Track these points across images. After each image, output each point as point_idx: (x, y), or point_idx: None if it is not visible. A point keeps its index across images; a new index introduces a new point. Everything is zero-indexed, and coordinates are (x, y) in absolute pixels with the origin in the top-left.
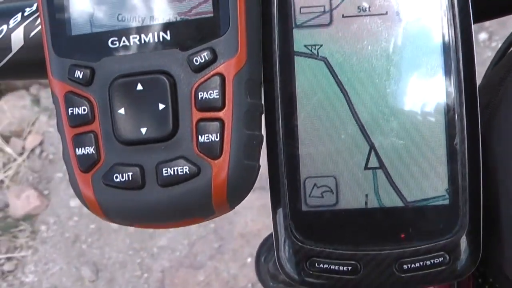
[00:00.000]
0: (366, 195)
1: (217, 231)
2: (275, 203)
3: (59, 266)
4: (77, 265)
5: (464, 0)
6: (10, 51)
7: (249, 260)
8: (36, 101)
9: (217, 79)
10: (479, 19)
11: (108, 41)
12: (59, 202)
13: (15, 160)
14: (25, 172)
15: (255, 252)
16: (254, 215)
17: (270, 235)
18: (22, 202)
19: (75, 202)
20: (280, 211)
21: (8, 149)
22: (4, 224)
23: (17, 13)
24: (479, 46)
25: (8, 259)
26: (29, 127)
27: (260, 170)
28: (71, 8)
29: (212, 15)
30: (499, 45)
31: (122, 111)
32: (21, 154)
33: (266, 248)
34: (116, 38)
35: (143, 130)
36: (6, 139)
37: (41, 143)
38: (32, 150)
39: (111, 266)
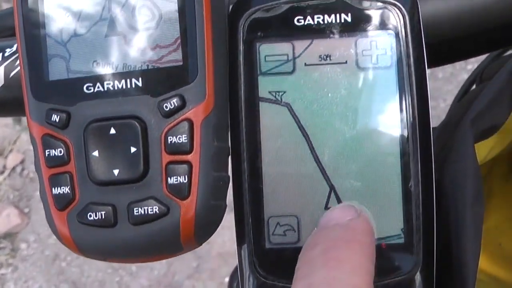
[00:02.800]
0: None
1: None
2: (240, 239)
3: (39, 284)
4: (56, 283)
5: (419, 49)
6: None
7: (226, 279)
8: (18, 120)
9: (185, 124)
10: (434, 64)
11: (83, 86)
12: (39, 220)
13: None
14: (6, 190)
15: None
16: (232, 235)
17: None
18: (2, 220)
19: None
20: (245, 247)
21: None
22: None
23: None
24: (455, 68)
25: None
26: (11, 146)
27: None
28: (49, 54)
29: (181, 63)
30: (475, 68)
31: (96, 153)
32: (2, 172)
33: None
34: (91, 84)
35: (116, 171)
36: None
37: (22, 162)
38: (13, 169)
39: (90, 284)
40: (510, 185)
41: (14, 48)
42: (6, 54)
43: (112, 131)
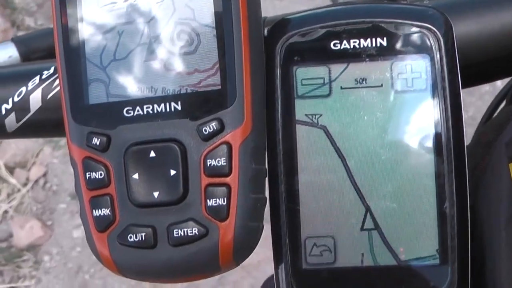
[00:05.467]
0: (362, 254)
1: None
2: (278, 260)
3: None
4: None
5: (454, 72)
6: (29, 111)
7: None
8: None
9: (224, 148)
10: (468, 85)
11: (123, 110)
12: (62, 233)
13: (19, 190)
14: (29, 202)
15: (255, 284)
16: (256, 248)
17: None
18: (25, 232)
19: (78, 233)
20: (282, 267)
21: (12, 180)
22: (8, 254)
23: (36, 75)
24: None
25: None
26: (33, 158)
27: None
28: (89, 78)
29: (220, 87)
30: (498, 82)
31: (136, 176)
32: (25, 184)
33: None
34: (130, 108)
35: (156, 194)
36: (11, 170)
37: (45, 174)
38: (36, 181)
39: None
40: None
41: (51, 71)
42: (43, 77)
43: (152, 154)
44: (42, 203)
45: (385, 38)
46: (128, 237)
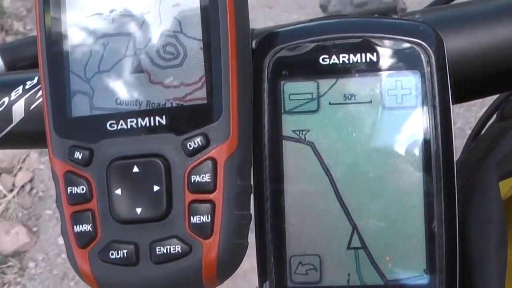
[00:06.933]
0: (349, 274)
1: None
2: (263, 278)
3: None
4: None
5: (444, 89)
6: (11, 122)
7: None
8: None
9: (209, 163)
10: (459, 100)
11: (106, 123)
12: (48, 239)
13: (5, 196)
14: (15, 208)
15: None
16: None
17: None
18: (11, 238)
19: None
20: (266, 285)
21: None
22: None
23: (19, 85)
24: None
25: None
26: (20, 164)
27: None
28: (72, 90)
29: (206, 101)
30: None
31: (118, 191)
32: (11, 190)
33: None
34: (114, 121)
35: (138, 210)
36: None
37: (31, 180)
38: (22, 187)
39: None
40: None
41: (35, 81)
42: (27, 87)
43: (135, 169)
44: (28, 209)
45: (375, 54)
46: (110, 254)
